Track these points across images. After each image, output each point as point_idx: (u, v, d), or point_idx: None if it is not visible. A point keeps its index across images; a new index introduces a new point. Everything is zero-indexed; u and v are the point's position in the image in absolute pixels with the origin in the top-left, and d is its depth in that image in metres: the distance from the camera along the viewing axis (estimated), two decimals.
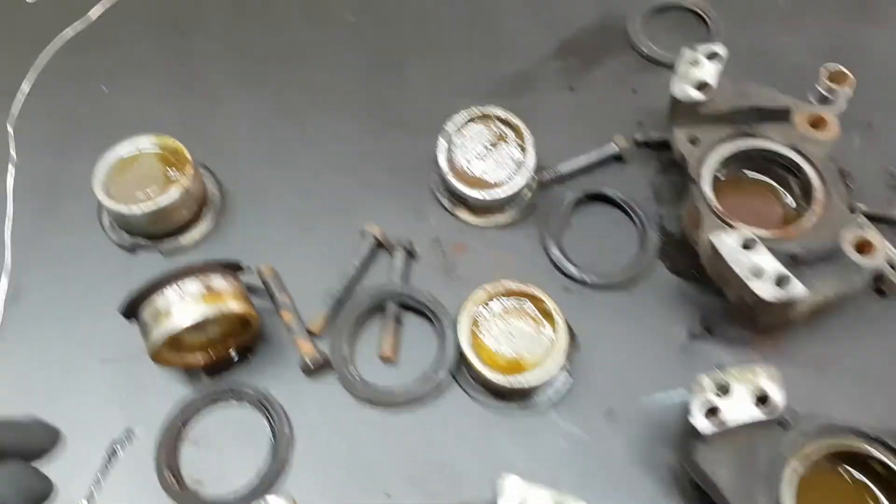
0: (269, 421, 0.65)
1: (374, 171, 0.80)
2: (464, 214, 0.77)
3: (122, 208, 0.69)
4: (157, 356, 0.62)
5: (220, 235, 0.76)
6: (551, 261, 0.74)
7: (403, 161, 0.80)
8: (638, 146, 0.79)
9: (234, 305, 0.63)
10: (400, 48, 0.88)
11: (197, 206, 0.75)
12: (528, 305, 0.67)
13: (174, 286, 0.61)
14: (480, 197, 0.74)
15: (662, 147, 0.77)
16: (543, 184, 0.77)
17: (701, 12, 0.90)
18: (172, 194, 0.70)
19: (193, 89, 0.85)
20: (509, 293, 0.67)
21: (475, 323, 0.66)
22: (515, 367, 0.64)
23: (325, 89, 0.85)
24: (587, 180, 0.78)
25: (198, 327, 0.62)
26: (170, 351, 0.64)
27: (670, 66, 0.75)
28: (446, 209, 0.78)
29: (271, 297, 0.71)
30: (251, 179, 0.79)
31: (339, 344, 0.68)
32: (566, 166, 0.78)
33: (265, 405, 0.65)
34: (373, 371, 0.68)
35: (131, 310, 0.62)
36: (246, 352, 0.68)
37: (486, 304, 0.67)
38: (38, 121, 0.82)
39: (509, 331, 0.66)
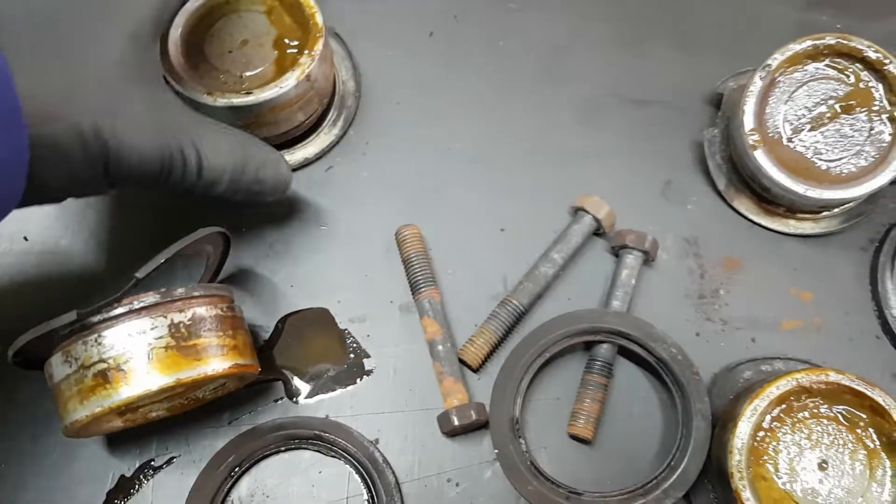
0: (370, 494, 0.40)
1: (608, 97, 0.49)
2: (746, 207, 0.46)
3: (197, 94, 0.41)
4: (79, 432, 0.36)
5: (346, 159, 0.47)
6: (892, 319, 0.42)
7: (657, 93, 0.48)
8: None
9: (218, 364, 0.35)
10: None
11: (320, 105, 0.46)
12: (862, 419, 0.36)
13: (116, 328, 0.34)
14: (811, 195, 0.41)
15: None
16: None
17: None
18: (286, 84, 0.41)
19: None
20: (829, 392, 0.37)
21: (759, 438, 0.37)
22: None
23: None
24: None
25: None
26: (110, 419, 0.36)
27: None
28: (718, 192, 0.46)
29: (411, 286, 0.43)
30: (410, 70, 0.50)
31: (506, 395, 0.40)
32: None
33: (364, 470, 0.39)
34: (554, 451, 0.41)
35: (31, 358, 0.35)
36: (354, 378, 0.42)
37: (790, 403, 0.37)
38: None
39: (818, 462, 0.36)
